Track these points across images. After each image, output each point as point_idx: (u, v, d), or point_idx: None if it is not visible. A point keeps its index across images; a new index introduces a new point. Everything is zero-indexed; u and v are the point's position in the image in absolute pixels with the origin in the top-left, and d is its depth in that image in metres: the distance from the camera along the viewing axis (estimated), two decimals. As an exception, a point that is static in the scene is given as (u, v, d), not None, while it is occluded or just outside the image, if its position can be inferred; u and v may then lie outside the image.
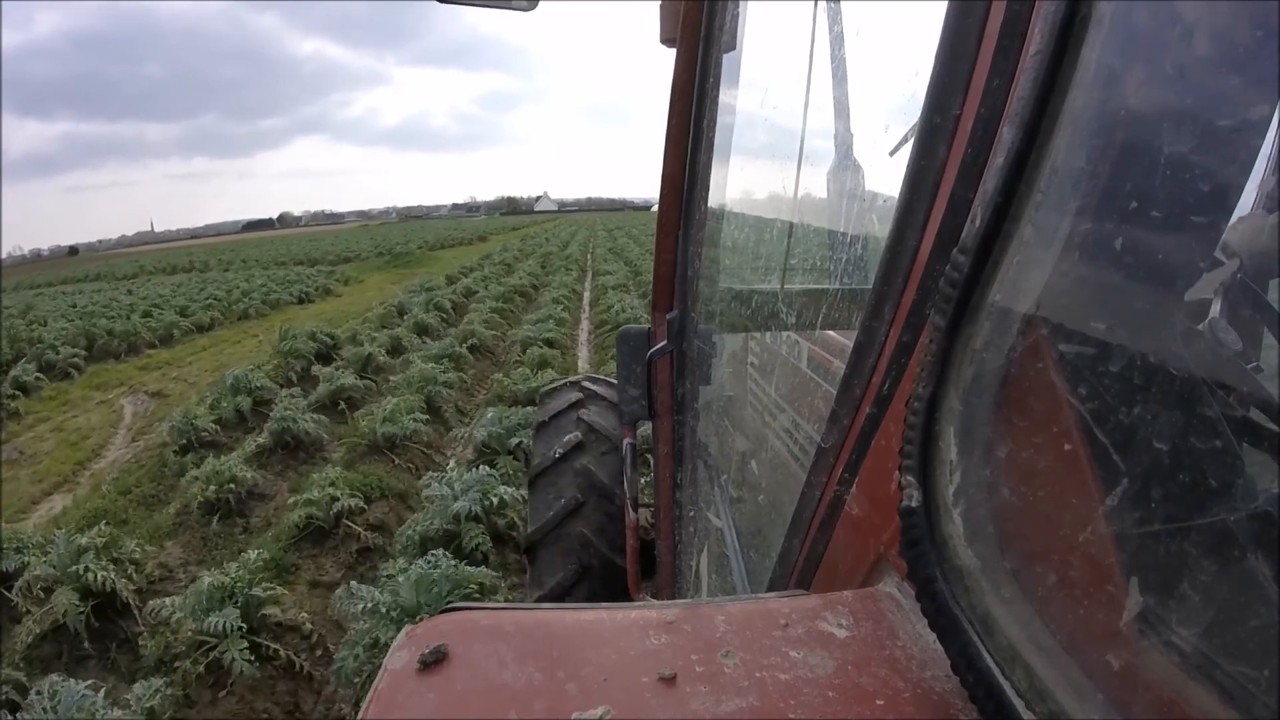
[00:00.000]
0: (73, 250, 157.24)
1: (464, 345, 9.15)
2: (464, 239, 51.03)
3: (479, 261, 25.07)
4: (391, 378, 7.85)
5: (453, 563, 3.37)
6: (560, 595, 2.32)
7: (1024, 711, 0.39)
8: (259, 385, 7.63)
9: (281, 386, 8.16)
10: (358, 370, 8.24)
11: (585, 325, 12.27)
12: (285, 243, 64.82)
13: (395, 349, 9.72)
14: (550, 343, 9.31)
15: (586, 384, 2.84)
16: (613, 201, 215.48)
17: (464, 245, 45.34)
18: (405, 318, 12.16)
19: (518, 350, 9.11)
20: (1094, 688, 0.37)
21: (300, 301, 18.97)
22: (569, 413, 2.68)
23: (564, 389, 2.87)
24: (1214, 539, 0.34)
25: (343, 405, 7.06)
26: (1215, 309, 0.42)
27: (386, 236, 54.19)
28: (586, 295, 15.97)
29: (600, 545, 2.35)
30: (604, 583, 2.32)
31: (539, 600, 2.41)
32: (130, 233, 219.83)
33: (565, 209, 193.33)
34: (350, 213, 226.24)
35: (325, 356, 9.70)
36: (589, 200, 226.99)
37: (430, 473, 5.27)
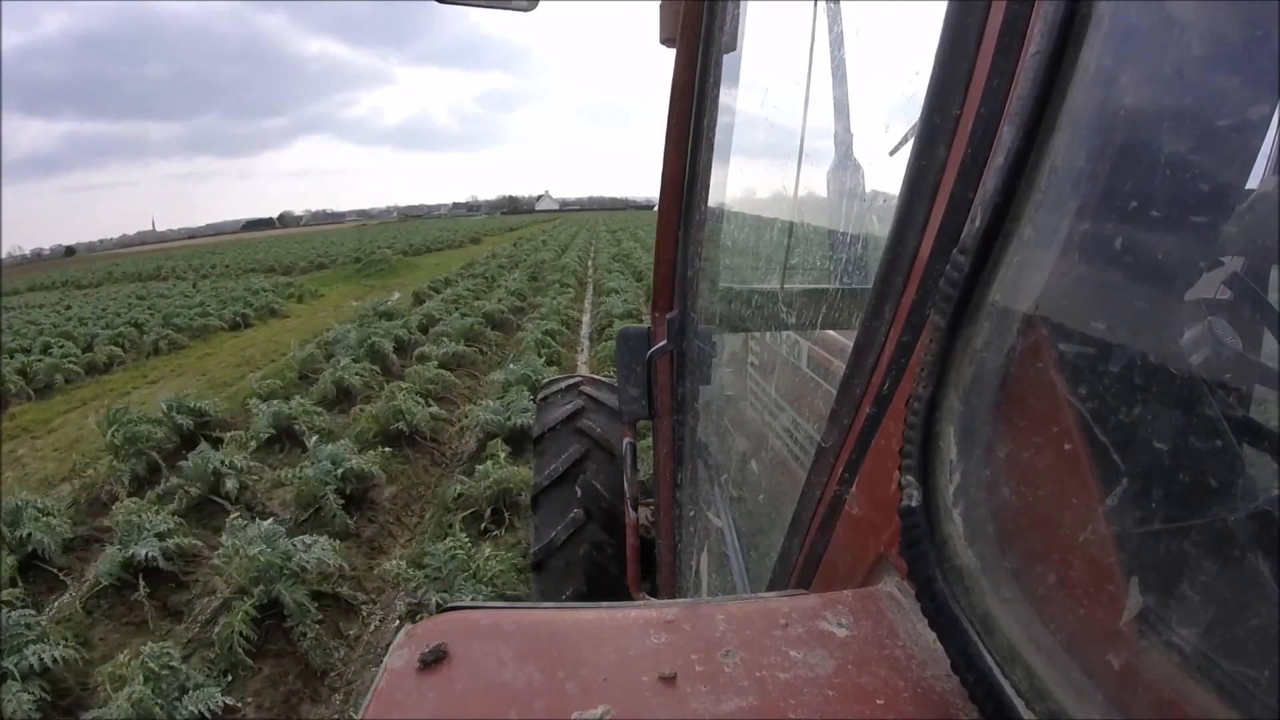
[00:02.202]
0: (69, 250, 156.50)
1: (373, 450, 5.31)
2: (454, 241, 45.73)
3: (460, 271, 20.49)
4: (220, 543, 3.91)
5: None
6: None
7: (1024, 711, 0.39)
8: (26, 536, 4.15)
9: (87, 519, 4.84)
10: (203, 492, 4.86)
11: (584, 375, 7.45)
12: (271, 245, 59.43)
13: (287, 433, 6.07)
14: (522, 436, 5.34)
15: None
16: (614, 201, 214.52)
17: (453, 249, 40.30)
18: (331, 363, 8.33)
19: (472, 443, 5.96)
20: (1094, 688, 0.37)
21: (235, 327, 14.73)
22: None
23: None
24: (1214, 539, 0.34)
25: (140, 593, 3.71)
26: (1214, 309, 0.42)
27: (375, 239, 49.90)
28: (585, 322, 11.82)
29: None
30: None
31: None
32: (132, 232, 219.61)
33: (567, 208, 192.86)
34: (351, 212, 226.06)
35: (194, 441, 5.99)
36: (590, 199, 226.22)
37: None
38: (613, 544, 2.42)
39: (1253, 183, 0.38)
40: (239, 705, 3.07)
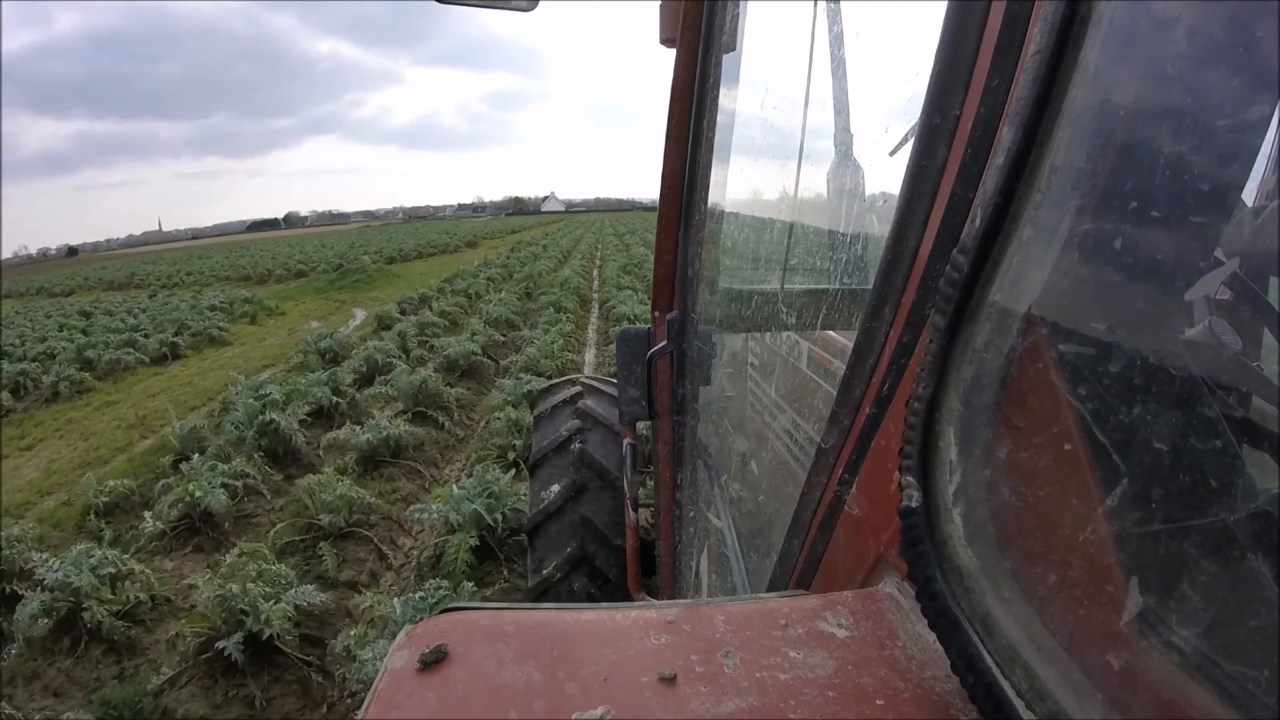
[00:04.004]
0: (72, 251, 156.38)
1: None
2: (449, 245, 42.16)
3: (442, 284, 16.87)
4: None
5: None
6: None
7: (1024, 711, 0.39)
8: None
9: None
10: None
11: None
12: (264, 247, 56.19)
13: (82, 613, 3.45)
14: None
15: None
16: (620, 202, 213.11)
17: (447, 254, 36.74)
18: (187, 468, 5.14)
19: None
20: (1094, 688, 0.37)
21: (161, 360, 11.71)
22: None
23: None
24: (1214, 539, 0.34)
25: None
26: (1215, 309, 0.42)
27: (371, 241, 47.03)
28: (589, 364, 8.77)
29: None
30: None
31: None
32: (138, 232, 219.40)
33: (573, 209, 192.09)
34: (356, 213, 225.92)
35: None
36: (597, 200, 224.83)
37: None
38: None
39: (1253, 183, 0.38)
40: None
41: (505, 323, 10.95)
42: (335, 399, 6.81)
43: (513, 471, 4.75)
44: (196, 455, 5.53)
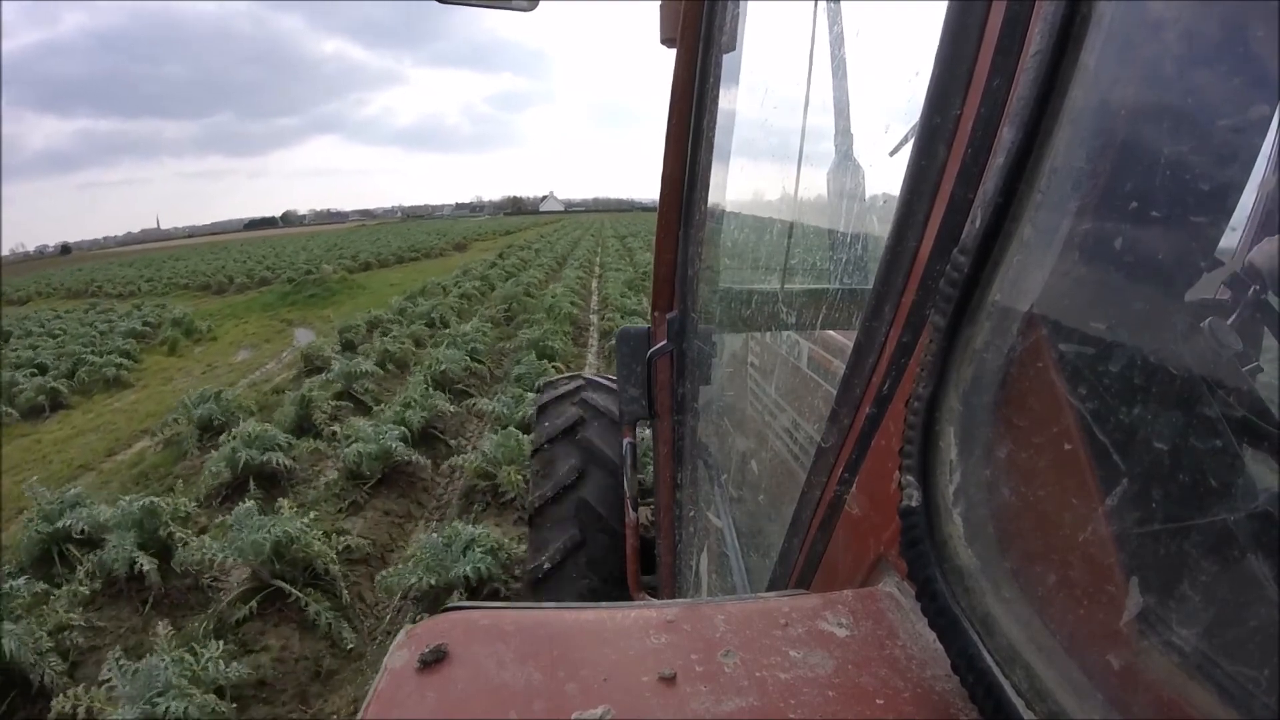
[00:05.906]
0: (65, 249, 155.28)
1: None
2: (436, 248, 38.32)
3: (404, 303, 13.72)
4: None
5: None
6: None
7: (1024, 711, 0.39)
8: None
9: None
10: None
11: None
12: (249, 247, 53.19)
13: None
14: None
15: None
16: (620, 202, 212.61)
17: (430, 258, 33.44)
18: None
19: None
20: (1094, 688, 0.37)
21: (38, 413, 9.11)
22: None
23: None
24: (1214, 539, 0.34)
25: None
26: (1216, 309, 0.42)
27: (357, 243, 44.88)
28: None
29: None
30: None
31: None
32: (136, 230, 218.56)
33: (572, 209, 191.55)
34: (354, 211, 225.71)
35: None
36: (596, 200, 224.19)
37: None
38: None
39: (1253, 183, 0.38)
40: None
41: (468, 372, 7.69)
42: (167, 538, 3.99)
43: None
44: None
